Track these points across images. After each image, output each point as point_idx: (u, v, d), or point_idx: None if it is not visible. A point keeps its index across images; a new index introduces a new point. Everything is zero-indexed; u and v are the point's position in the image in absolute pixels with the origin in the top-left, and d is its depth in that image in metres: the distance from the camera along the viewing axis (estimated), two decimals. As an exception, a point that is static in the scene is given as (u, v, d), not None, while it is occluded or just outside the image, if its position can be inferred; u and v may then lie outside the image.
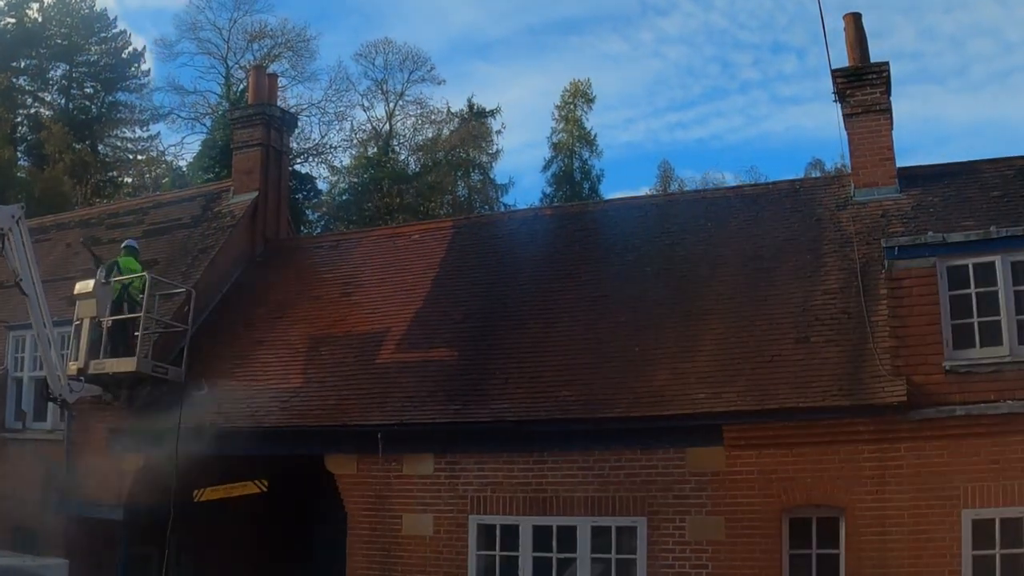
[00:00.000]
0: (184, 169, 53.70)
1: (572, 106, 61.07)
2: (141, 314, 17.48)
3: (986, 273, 13.17)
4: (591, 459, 14.44)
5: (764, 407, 13.61)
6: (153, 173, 55.88)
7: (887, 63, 17.17)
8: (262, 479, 16.89)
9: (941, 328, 13.18)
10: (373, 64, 58.46)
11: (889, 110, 17.15)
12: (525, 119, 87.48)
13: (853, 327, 14.37)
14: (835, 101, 17.12)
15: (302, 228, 46.05)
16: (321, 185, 56.10)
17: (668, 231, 18.11)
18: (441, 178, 54.81)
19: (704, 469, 13.80)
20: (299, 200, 49.14)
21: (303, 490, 18.05)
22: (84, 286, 17.56)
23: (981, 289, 13.18)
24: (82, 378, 17.26)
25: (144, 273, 18.07)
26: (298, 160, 52.63)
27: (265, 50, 55.95)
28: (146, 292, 17.64)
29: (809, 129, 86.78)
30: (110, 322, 17.63)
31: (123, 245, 19.13)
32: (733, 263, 16.71)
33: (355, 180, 55.07)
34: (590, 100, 61.58)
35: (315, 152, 56.94)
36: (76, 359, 17.36)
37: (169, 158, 57.46)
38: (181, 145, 60.33)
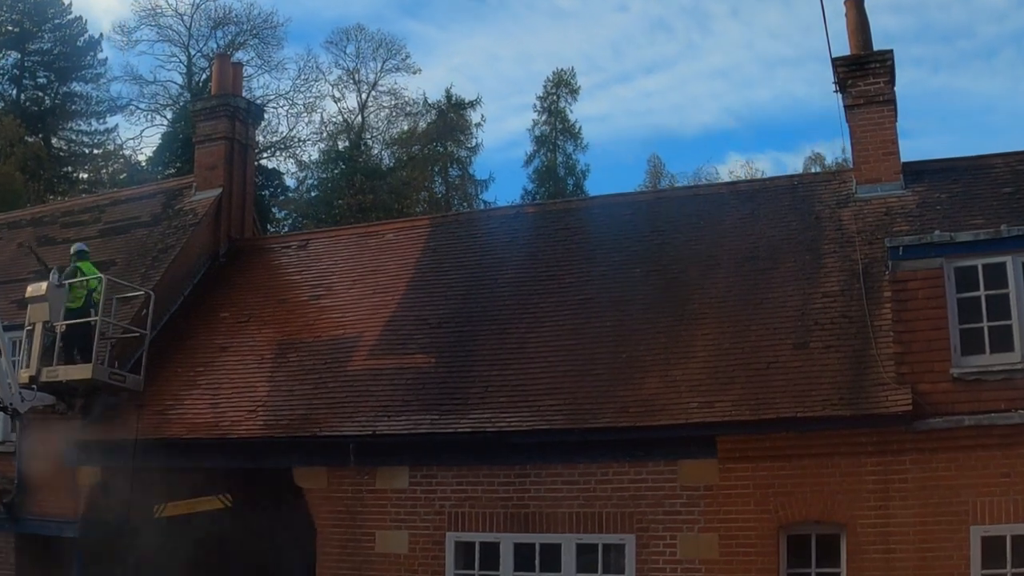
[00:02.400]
0: (143, 164, 53.60)
1: (555, 97, 61.07)
2: (98, 318, 17.30)
3: (996, 274, 13.18)
4: (576, 472, 14.39)
5: (760, 417, 13.57)
6: (110, 168, 55.69)
7: (891, 51, 17.17)
8: (226, 493, 16.77)
9: (948, 333, 13.18)
10: (344, 52, 58.39)
11: (893, 101, 17.13)
12: (477, 89, 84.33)
13: (855, 332, 14.33)
14: (836, 91, 17.14)
15: (269, 227, 45.94)
16: (289, 181, 56.21)
17: (658, 230, 18.06)
18: (417, 173, 54.66)
19: (696, 483, 13.76)
20: (265, 197, 49.03)
21: (270, 505, 17.91)
22: (36, 289, 17.42)
23: (991, 291, 13.19)
24: (34, 386, 17.09)
25: (100, 275, 17.89)
26: (264, 154, 52.51)
27: (229, 37, 55.84)
28: (102, 295, 17.49)
29: (802, 100, 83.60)
30: (64, 327, 17.44)
31: (76, 250, 18.66)
32: (727, 264, 16.67)
33: (325, 176, 54.94)
34: (574, 91, 61.69)
35: (283, 146, 56.89)
36: (28, 366, 17.19)
37: (127, 152, 57.38)
38: (140, 139, 60.36)
